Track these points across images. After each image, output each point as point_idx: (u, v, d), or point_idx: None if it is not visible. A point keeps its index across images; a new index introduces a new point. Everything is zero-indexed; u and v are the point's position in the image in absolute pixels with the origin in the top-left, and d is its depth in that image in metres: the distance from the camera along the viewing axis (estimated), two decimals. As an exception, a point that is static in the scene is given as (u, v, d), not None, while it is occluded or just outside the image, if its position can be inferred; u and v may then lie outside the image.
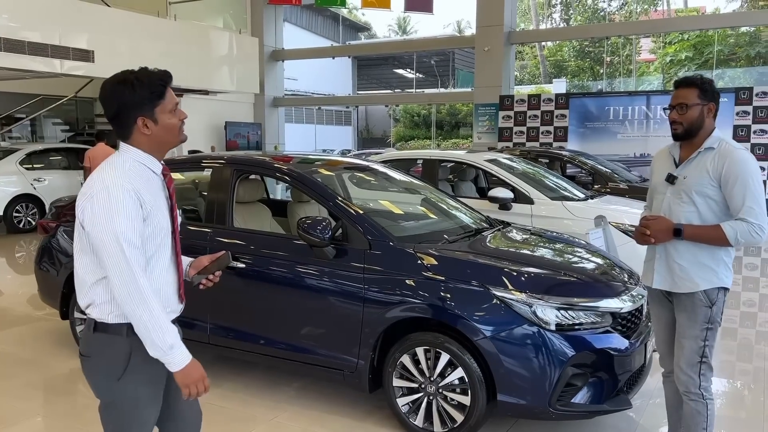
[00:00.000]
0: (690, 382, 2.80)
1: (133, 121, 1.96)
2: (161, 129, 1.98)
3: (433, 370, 3.32)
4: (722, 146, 2.74)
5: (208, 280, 2.24)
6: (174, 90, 2.03)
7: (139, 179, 1.95)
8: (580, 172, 9.78)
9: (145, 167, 2.00)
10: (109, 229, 1.85)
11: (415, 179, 5.16)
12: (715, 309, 2.77)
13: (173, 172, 5.36)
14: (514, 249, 3.99)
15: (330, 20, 32.84)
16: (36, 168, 11.19)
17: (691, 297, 2.78)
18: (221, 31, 15.67)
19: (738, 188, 2.65)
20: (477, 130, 14.60)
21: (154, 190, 2.00)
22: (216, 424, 3.65)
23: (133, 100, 1.93)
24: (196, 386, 1.98)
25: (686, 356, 2.80)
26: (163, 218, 2.01)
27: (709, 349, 2.78)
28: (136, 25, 12.37)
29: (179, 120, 2.03)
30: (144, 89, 1.93)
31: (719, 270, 2.76)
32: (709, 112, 2.78)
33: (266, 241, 3.98)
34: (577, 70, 29.79)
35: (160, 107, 1.97)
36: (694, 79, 2.80)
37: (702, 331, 2.77)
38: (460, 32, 39.04)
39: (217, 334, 4.00)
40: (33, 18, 10.51)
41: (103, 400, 2.06)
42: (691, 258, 2.76)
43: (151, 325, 1.89)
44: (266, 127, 17.74)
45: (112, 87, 1.95)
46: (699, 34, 21.88)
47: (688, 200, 2.75)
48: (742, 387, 4.46)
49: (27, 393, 4.13)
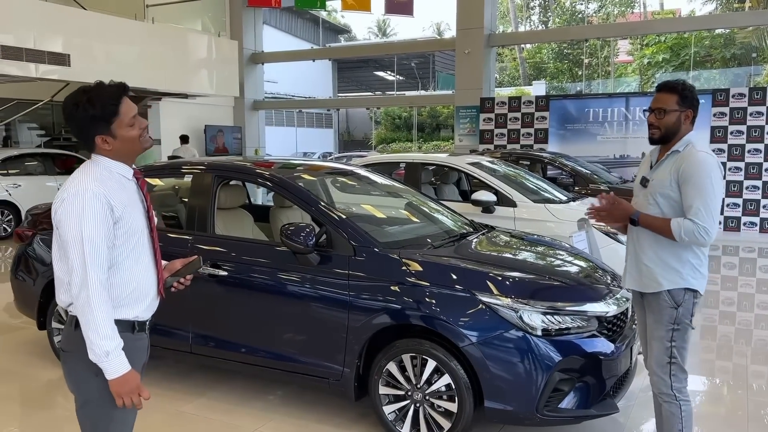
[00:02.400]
0: (661, 383, 2.85)
1: (93, 140, 2.05)
2: (121, 143, 2.06)
3: (419, 377, 3.29)
4: (686, 149, 2.80)
5: (179, 284, 2.31)
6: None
7: (111, 185, 2.03)
8: (561, 174, 9.84)
9: (117, 174, 2.09)
10: (76, 231, 1.95)
11: (398, 183, 5.13)
12: (682, 310, 2.80)
13: (152, 178, 5.29)
14: (499, 253, 3.98)
15: (310, 23, 32.75)
16: (11, 174, 10.97)
17: (657, 297, 2.84)
18: (200, 34, 15.51)
19: (690, 189, 2.71)
20: (458, 132, 14.61)
21: (128, 194, 2.10)
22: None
23: (88, 122, 2.02)
24: (130, 396, 2.02)
25: (655, 357, 2.86)
26: (138, 220, 2.11)
27: (677, 350, 2.81)
28: (112, 28, 12.18)
29: (139, 129, 2.08)
30: (96, 110, 2.00)
31: (684, 271, 2.80)
32: (686, 119, 2.82)
33: (248, 248, 3.92)
34: (555, 72, 30.03)
35: (116, 123, 2.03)
36: (676, 84, 2.83)
37: (668, 332, 2.81)
38: (439, 35, 39.17)
39: (199, 343, 3.93)
40: (7, 21, 10.30)
41: (81, 398, 2.10)
42: (656, 258, 2.82)
43: (92, 329, 1.96)
44: (247, 130, 17.61)
45: (68, 109, 2.03)
46: (675, 37, 22.17)
47: (654, 202, 2.83)
48: (721, 384, 4.49)
49: (1, 405, 4.02)
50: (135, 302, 2.10)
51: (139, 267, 2.11)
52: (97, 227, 1.96)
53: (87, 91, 2.02)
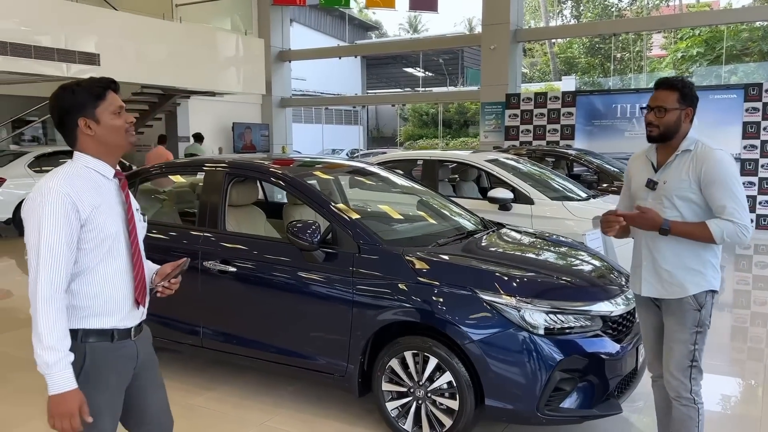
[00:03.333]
0: (681, 386, 2.76)
1: (75, 124, 1.99)
2: (104, 129, 2.00)
3: (421, 374, 3.30)
4: (699, 148, 2.71)
5: (165, 288, 2.20)
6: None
7: (80, 184, 1.95)
8: (586, 171, 9.71)
9: (95, 172, 2.02)
10: (35, 232, 1.88)
11: (410, 181, 5.13)
12: (704, 312, 2.73)
13: (171, 175, 5.38)
14: (504, 251, 3.97)
15: (338, 20, 32.86)
16: (44, 171, 11.28)
17: (680, 301, 2.75)
18: (227, 33, 15.71)
19: (718, 190, 2.62)
20: (484, 129, 14.52)
21: (104, 195, 2.00)
22: (207, 428, 3.66)
23: (73, 103, 1.98)
24: (62, 421, 1.86)
25: (676, 361, 2.76)
26: (111, 224, 2.00)
27: (698, 353, 2.75)
28: (141, 28, 12.43)
29: (125, 122, 2.03)
30: (83, 92, 1.98)
31: (707, 272, 2.73)
32: (687, 117, 2.75)
33: (257, 245, 3.97)
34: (587, 67, 29.58)
35: (101, 108, 1.99)
36: (675, 81, 2.76)
37: (692, 335, 2.73)
38: (471, 30, 38.89)
39: (209, 337, 4.01)
40: (39, 22, 10.60)
41: None
42: (678, 262, 2.73)
43: (35, 337, 1.86)
44: (274, 127, 17.78)
45: (55, 95, 2.01)
46: (711, 30, 21.62)
47: (671, 205, 2.73)
48: (756, 386, 4.40)
49: (25, 397, 4.15)
50: (111, 311, 2.01)
51: (113, 274, 2.01)
52: (56, 229, 1.86)
53: (78, 80, 2.03)
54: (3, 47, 9.96)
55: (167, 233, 4.23)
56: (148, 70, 12.48)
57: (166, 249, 4.01)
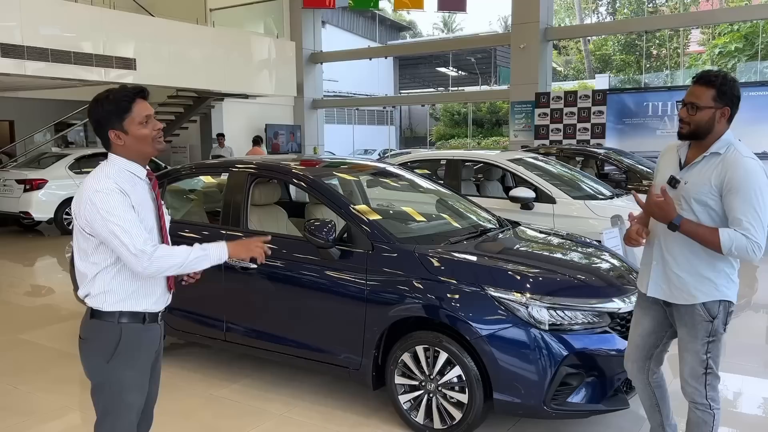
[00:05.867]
0: (696, 393, 2.71)
1: (107, 135, 2.24)
2: (132, 139, 2.23)
3: (432, 368, 3.40)
4: (729, 153, 2.55)
5: (190, 277, 2.46)
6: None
7: (124, 182, 2.21)
8: (615, 171, 9.63)
9: (130, 173, 2.26)
10: (108, 223, 2.11)
11: (428, 181, 5.21)
12: (717, 322, 2.63)
13: (200, 176, 5.58)
14: (516, 249, 4.03)
15: (371, 21, 33.02)
16: (84, 172, 11.69)
17: (691, 310, 2.65)
18: (259, 36, 16.02)
19: (739, 201, 2.48)
20: (513, 128, 14.49)
21: (140, 193, 2.26)
22: (227, 418, 3.82)
23: (103, 115, 2.22)
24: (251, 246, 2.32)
25: (690, 369, 2.70)
26: (149, 218, 2.26)
27: (713, 360, 2.66)
28: (176, 33, 12.80)
29: (152, 131, 2.24)
30: (110, 106, 2.20)
31: (719, 282, 2.62)
32: (722, 117, 2.56)
33: (276, 243, 4.10)
34: (622, 64, 29.13)
35: (128, 120, 2.21)
36: (714, 78, 2.55)
37: (703, 345, 2.65)
38: (505, 29, 38.65)
39: (232, 332, 4.17)
40: (79, 29, 11.03)
41: (94, 382, 2.30)
42: (690, 269, 2.63)
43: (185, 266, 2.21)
44: (306, 128, 18.03)
45: (89, 107, 2.25)
46: (750, 25, 21.08)
47: (687, 207, 2.60)
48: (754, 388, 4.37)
49: (61, 386, 4.39)
50: (144, 296, 2.27)
51: None
52: (124, 213, 2.12)
53: (109, 90, 2.24)
54: (44, 54, 10.39)
55: (195, 231, 4.41)
56: (182, 73, 12.84)
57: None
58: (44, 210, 11.04)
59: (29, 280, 8.43)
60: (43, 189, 10.96)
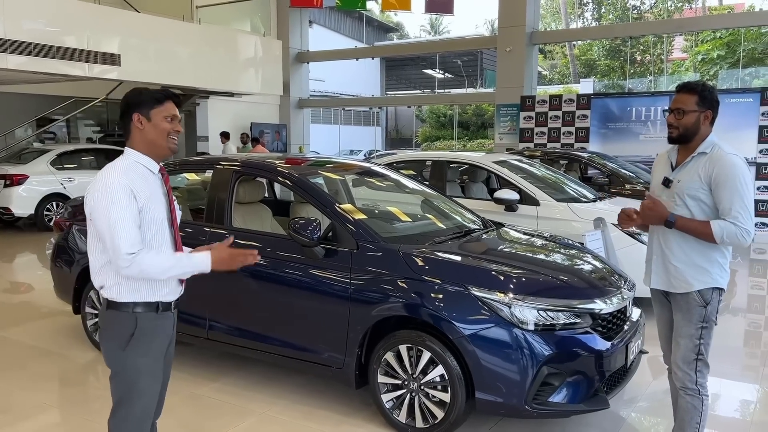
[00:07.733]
0: (686, 378, 2.93)
1: (131, 118, 2.33)
2: (152, 127, 2.34)
3: (415, 367, 3.41)
4: (714, 151, 2.84)
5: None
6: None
7: (135, 177, 2.30)
8: (599, 174, 9.72)
9: (143, 167, 2.35)
10: (105, 218, 2.21)
11: (412, 181, 5.23)
12: (710, 309, 2.89)
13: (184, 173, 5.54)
14: (500, 250, 4.05)
15: (358, 21, 33.04)
16: (66, 168, 11.57)
17: (686, 297, 2.91)
18: (246, 34, 15.94)
19: (726, 192, 2.76)
20: (499, 130, 14.56)
21: (151, 187, 2.34)
22: (208, 417, 3.80)
23: (136, 100, 2.35)
24: (234, 260, 2.39)
25: (682, 354, 2.93)
26: (159, 211, 2.35)
27: (704, 347, 2.90)
28: (161, 29, 12.68)
29: (172, 129, 2.37)
30: (147, 94, 2.35)
31: (713, 271, 2.88)
32: (706, 119, 2.87)
33: (261, 241, 4.10)
34: (607, 69, 29.42)
35: (156, 110, 2.34)
36: (695, 85, 2.90)
37: (697, 330, 2.89)
38: (492, 32, 38.86)
39: (214, 330, 4.15)
40: (62, 24, 10.89)
41: (112, 369, 2.39)
42: (686, 259, 2.89)
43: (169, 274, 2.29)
44: (292, 128, 17.99)
45: (127, 93, 2.39)
46: (732, 32, 21.41)
47: (681, 203, 2.88)
48: (756, 392, 4.43)
49: (39, 384, 4.33)
50: (158, 286, 2.36)
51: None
52: (123, 212, 2.20)
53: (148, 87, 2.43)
54: (27, 47, 10.25)
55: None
56: (167, 70, 12.74)
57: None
58: (25, 206, 10.90)
59: (8, 277, 8.31)
60: (23, 185, 10.82)
